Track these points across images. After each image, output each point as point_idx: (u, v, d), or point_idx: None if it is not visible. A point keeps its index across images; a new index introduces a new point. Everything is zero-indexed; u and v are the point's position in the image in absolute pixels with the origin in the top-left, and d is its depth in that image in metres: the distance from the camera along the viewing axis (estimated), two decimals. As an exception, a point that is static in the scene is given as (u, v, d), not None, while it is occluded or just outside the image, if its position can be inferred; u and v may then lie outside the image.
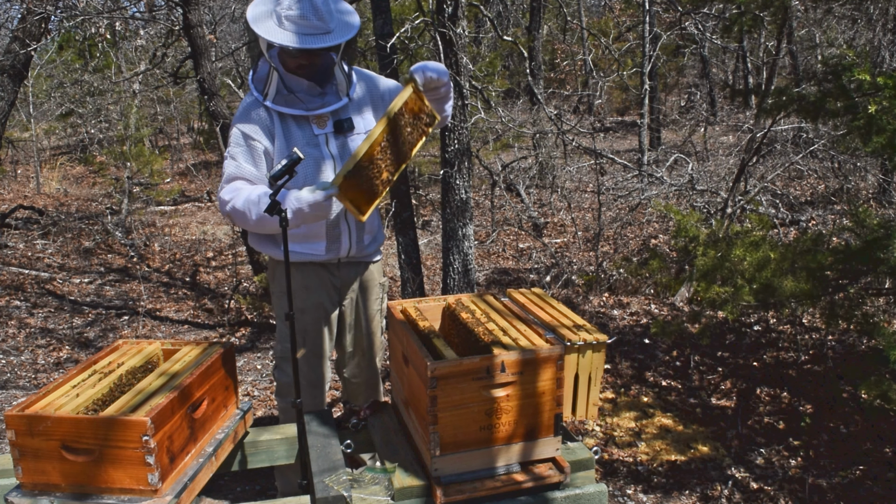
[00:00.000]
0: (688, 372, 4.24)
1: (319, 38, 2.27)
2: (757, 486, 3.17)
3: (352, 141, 2.48)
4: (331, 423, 2.34)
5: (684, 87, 17.40)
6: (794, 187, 8.62)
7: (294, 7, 2.25)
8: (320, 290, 2.58)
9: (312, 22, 2.26)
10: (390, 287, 6.22)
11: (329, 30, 2.29)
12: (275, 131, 2.42)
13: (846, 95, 3.01)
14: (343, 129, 2.46)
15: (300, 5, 2.25)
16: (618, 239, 7.23)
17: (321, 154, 2.44)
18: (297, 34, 2.26)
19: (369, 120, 2.54)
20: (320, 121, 2.45)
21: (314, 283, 2.57)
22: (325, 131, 2.45)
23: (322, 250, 2.52)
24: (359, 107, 2.53)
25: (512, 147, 10.85)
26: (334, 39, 2.29)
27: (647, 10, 8.92)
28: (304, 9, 2.25)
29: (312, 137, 2.44)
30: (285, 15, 2.26)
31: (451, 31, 4.19)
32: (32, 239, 8.18)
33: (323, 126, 2.45)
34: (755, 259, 3.09)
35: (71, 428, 1.77)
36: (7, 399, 4.28)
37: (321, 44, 2.26)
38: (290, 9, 2.26)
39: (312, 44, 2.26)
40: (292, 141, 2.42)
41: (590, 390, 2.17)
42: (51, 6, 6.07)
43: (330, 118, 2.45)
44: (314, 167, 2.43)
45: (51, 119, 14.18)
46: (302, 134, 2.43)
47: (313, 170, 2.43)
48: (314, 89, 2.41)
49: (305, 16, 2.25)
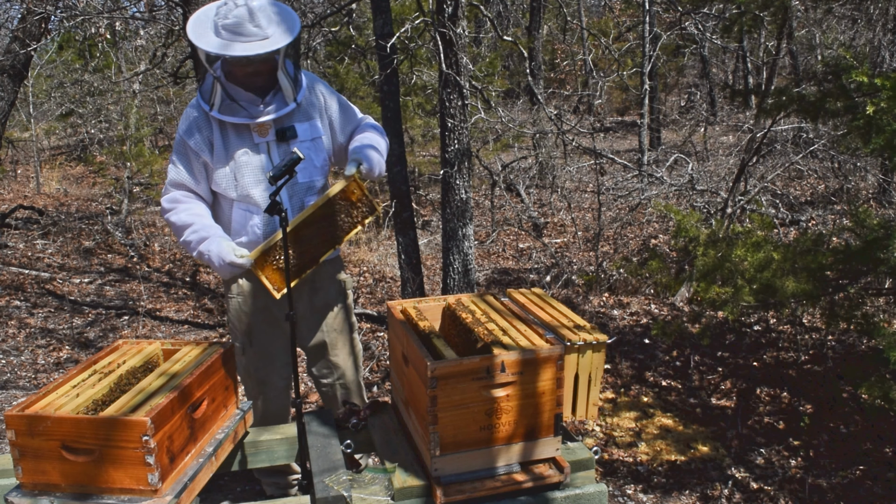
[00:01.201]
0: (688, 372, 4.24)
1: (256, 44, 2.25)
2: (757, 486, 3.17)
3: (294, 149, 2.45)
4: (331, 423, 2.34)
5: (684, 87, 17.40)
6: (794, 187, 8.62)
7: (230, 15, 2.23)
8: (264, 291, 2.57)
9: (248, 29, 2.24)
10: (389, 287, 6.22)
11: (266, 36, 2.27)
12: (214, 141, 2.42)
13: (846, 95, 3.02)
14: (286, 137, 2.44)
15: (236, 13, 2.23)
16: (618, 239, 7.23)
17: (262, 163, 2.43)
18: (232, 42, 2.25)
19: (316, 128, 2.52)
20: (262, 129, 2.42)
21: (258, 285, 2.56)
22: (267, 140, 2.43)
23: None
24: (306, 114, 2.50)
25: (512, 147, 10.85)
26: (271, 45, 2.26)
27: (647, 10, 8.92)
28: (239, 16, 2.23)
29: (253, 146, 2.43)
30: (222, 24, 2.25)
31: (451, 31, 4.19)
32: (32, 239, 8.18)
33: (264, 134, 2.43)
34: (756, 259, 3.09)
35: (71, 428, 1.77)
36: (7, 399, 4.28)
37: (257, 51, 2.24)
38: (226, 17, 2.24)
39: (247, 51, 2.24)
40: (232, 150, 2.42)
41: (590, 390, 2.17)
42: (51, 6, 6.07)
43: (272, 126, 2.43)
44: (252, 177, 2.43)
45: (51, 119, 14.17)
46: (241, 142, 2.43)
47: (251, 179, 2.43)
48: (257, 98, 2.38)
49: (241, 23, 2.23)
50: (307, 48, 13.21)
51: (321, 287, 2.67)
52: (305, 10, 11.20)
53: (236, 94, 2.37)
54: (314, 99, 2.54)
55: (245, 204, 2.49)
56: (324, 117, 2.56)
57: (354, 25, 9.83)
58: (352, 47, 9.73)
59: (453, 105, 4.34)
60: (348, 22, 7.06)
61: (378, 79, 4.64)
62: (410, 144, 10.26)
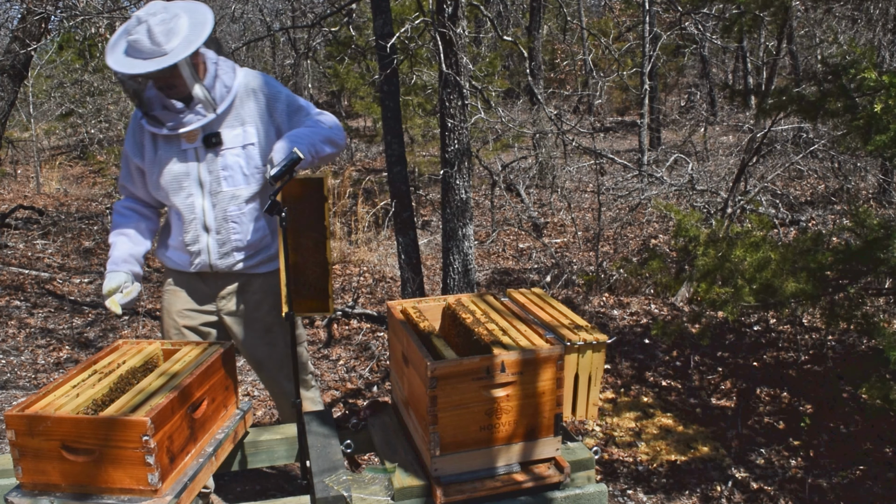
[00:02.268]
0: (688, 372, 4.24)
1: (152, 62, 2.24)
2: (757, 486, 3.17)
3: (221, 156, 2.45)
4: (331, 423, 2.34)
5: (684, 87, 17.40)
6: (794, 187, 8.62)
7: (133, 32, 2.25)
8: (187, 295, 2.62)
9: (147, 46, 2.24)
10: (389, 287, 6.22)
11: (164, 52, 2.25)
12: (145, 148, 2.48)
13: (846, 95, 3.01)
14: (211, 143, 2.43)
15: (137, 29, 2.24)
16: (618, 239, 7.23)
17: (186, 170, 2.45)
18: (130, 59, 2.27)
19: (249, 134, 2.47)
20: (190, 135, 2.43)
21: (181, 289, 2.62)
22: (194, 146, 2.44)
23: (187, 262, 2.56)
24: (239, 118, 2.46)
25: (512, 147, 10.85)
26: (166, 62, 2.23)
27: (647, 10, 8.92)
28: (140, 33, 2.24)
29: (180, 153, 2.44)
30: (128, 41, 2.27)
31: (451, 31, 4.18)
32: (32, 239, 8.18)
33: (193, 140, 2.43)
34: (755, 260, 3.08)
35: (71, 428, 1.77)
36: (7, 399, 4.28)
37: (149, 69, 2.23)
38: (130, 34, 2.26)
39: (141, 69, 2.24)
40: (161, 157, 2.45)
41: (590, 390, 2.17)
42: (51, 6, 6.07)
43: (201, 132, 2.43)
44: (175, 183, 2.46)
45: (51, 119, 14.18)
46: (170, 149, 2.45)
47: (174, 186, 2.46)
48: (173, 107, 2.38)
49: (140, 40, 2.24)
50: (307, 48, 13.21)
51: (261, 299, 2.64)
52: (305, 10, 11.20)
53: (164, 103, 2.39)
54: (251, 103, 2.48)
55: (175, 212, 2.53)
56: (265, 121, 2.50)
57: (354, 25, 9.83)
58: (352, 47, 9.73)
59: (453, 105, 4.34)
60: (348, 22, 7.07)
61: (378, 79, 4.64)
62: (410, 144, 10.27)
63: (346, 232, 7.67)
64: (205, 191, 2.46)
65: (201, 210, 2.46)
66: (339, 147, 2.52)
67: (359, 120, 16.00)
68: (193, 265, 2.54)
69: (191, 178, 2.45)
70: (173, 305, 2.62)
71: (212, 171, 2.45)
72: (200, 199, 2.46)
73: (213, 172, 2.45)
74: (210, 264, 2.53)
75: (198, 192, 2.46)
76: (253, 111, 2.48)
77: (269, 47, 16.72)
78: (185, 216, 2.48)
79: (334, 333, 5.16)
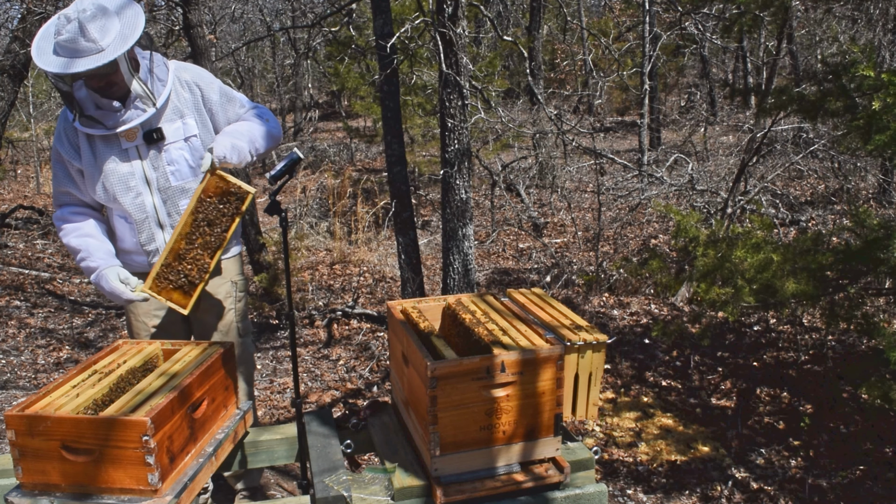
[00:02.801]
0: (688, 372, 4.24)
1: (89, 59, 2.19)
2: (757, 486, 3.17)
3: (165, 152, 2.42)
4: (331, 423, 2.33)
5: (684, 87, 17.40)
6: (794, 187, 8.62)
7: (63, 31, 2.19)
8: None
9: (81, 44, 2.18)
10: (389, 287, 6.22)
11: (101, 48, 2.20)
12: (81, 150, 2.41)
13: (846, 95, 3.01)
14: (153, 139, 2.39)
15: (68, 28, 2.18)
16: (618, 239, 7.23)
17: (130, 169, 2.40)
18: (68, 58, 2.20)
19: (189, 126, 2.45)
20: (130, 133, 2.37)
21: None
22: (135, 143, 2.39)
23: (145, 263, 2.53)
24: (177, 111, 2.44)
25: (512, 147, 10.85)
26: (105, 58, 2.19)
27: (647, 10, 8.92)
28: (72, 31, 2.18)
29: (121, 152, 2.39)
30: (58, 41, 2.21)
31: (451, 31, 4.18)
32: (32, 239, 8.18)
33: (132, 139, 2.38)
34: (756, 260, 3.09)
35: (71, 428, 1.77)
36: (7, 399, 4.27)
37: (89, 66, 2.18)
38: (59, 34, 2.20)
39: (79, 67, 2.19)
40: (101, 158, 2.39)
41: (590, 390, 2.17)
42: (51, 6, 6.06)
43: (140, 130, 2.38)
44: (121, 184, 2.40)
45: (51, 119, 14.18)
46: (109, 150, 2.39)
47: (120, 187, 2.41)
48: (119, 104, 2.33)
49: (74, 38, 2.18)
50: (307, 48, 13.22)
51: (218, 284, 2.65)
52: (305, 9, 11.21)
53: (99, 103, 2.33)
54: (186, 94, 2.47)
55: (120, 211, 2.47)
56: (202, 112, 2.49)
57: (354, 25, 9.83)
58: (352, 47, 9.73)
59: (453, 105, 4.34)
60: (348, 22, 7.06)
61: (378, 79, 4.64)
62: (410, 144, 10.27)
63: (346, 232, 7.67)
64: (153, 188, 2.42)
65: (152, 208, 2.44)
66: (277, 141, 2.54)
67: (359, 120, 16.00)
68: (151, 264, 2.51)
69: (137, 177, 2.41)
70: (139, 307, 2.60)
71: (157, 168, 2.42)
72: (150, 196, 2.43)
73: (159, 168, 2.42)
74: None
75: (146, 191, 2.42)
76: (189, 103, 2.46)
77: (269, 47, 16.72)
78: (135, 216, 2.44)
79: (334, 333, 5.15)
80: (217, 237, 2.35)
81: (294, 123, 16.35)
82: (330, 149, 13.73)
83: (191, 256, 2.33)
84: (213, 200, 2.33)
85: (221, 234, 2.35)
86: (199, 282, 2.34)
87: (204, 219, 2.33)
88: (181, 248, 2.33)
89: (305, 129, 16.04)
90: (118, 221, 2.51)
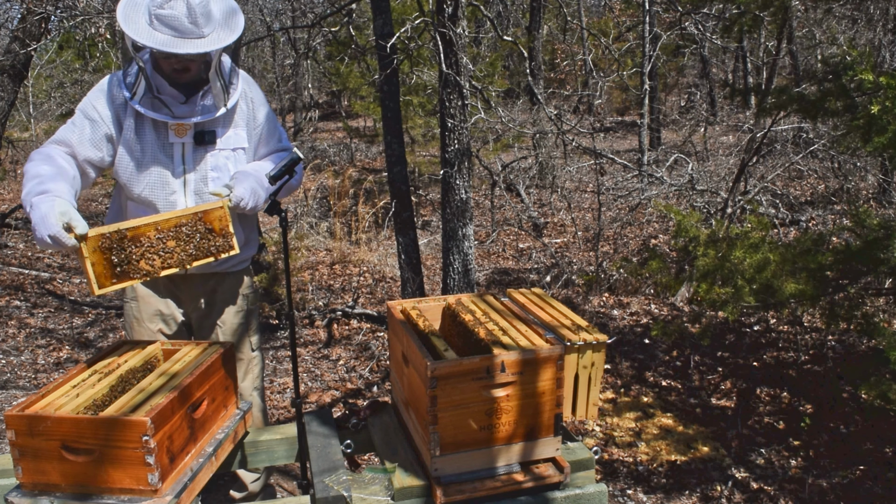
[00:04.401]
0: (688, 372, 4.24)
1: (189, 42, 2.07)
2: (757, 486, 3.17)
3: (211, 155, 2.30)
4: (331, 423, 2.33)
5: (684, 87, 17.40)
6: (794, 187, 8.62)
7: (166, 6, 2.04)
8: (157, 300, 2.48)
9: (184, 24, 2.05)
10: (389, 287, 6.22)
11: (202, 35, 2.09)
12: (125, 125, 2.22)
13: (846, 95, 3.02)
14: (203, 141, 2.26)
15: (173, 5, 2.04)
16: (618, 239, 7.23)
17: (171, 165, 2.26)
18: (165, 36, 2.06)
19: (240, 138, 2.35)
20: (180, 129, 2.23)
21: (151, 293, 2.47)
22: (183, 140, 2.25)
23: None
24: (232, 120, 2.34)
25: (512, 147, 10.85)
26: (206, 46, 2.07)
27: (647, 10, 8.92)
28: (177, 8, 2.03)
29: (167, 145, 2.25)
30: (157, 14, 2.05)
31: (451, 31, 4.18)
32: (32, 239, 8.17)
33: (182, 135, 2.24)
34: (756, 260, 3.09)
35: (71, 428, 1.77)
36: (7, 399, 4.27)
37: (188, 50, 2.06)
38: (161, 7, 2.04)
39: (178, 49, 2.05)
40: (144, 143, 2.23)
41: (590, 390, 2.17)
42: (51, 6, 6.07)
43: (192, 128, 2.25)
44: (159, 177, 2.26)
45: (51, 119, 14.18)
46: (156, 139, 2.23)
47: (155, 179, 2.27)
48: (181, 95, 2.22)
49: (178, 17, 2.04)
50: (307, 48, 13.21)
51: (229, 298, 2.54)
52: (305, 9, 11.20)
53: (161, 88, 2.21)
54: (244, 107, 2.37)
55: (142, 206, 2.31)
56: (250, 128, 2.39)
57: (354, 25, 9.82)
58: (352, 47, 9.73)
59: (453, 105, 4.34)
60: (348, 22, 7.06)
61: (378, 79, 4.64)
62: (410, 144, 10.27)
63: (346, 232, 7.67)
64: (188, 189, 2.30)
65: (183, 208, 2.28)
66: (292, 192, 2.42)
67: (359, 120, 16.00)
68: None
69: (175, 175, 2.27)
70: (143, 312, 2.48)
71: (198, 170, 2.30)
72: (183, 197, 2.30)
73: (200, 171, 2.30)
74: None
75: (181, 190, 2.29)
76: (244, 115, 2.38)
77: (269, 47, 16.72)
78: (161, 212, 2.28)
79: (334, 333, 5.15)
80: (178, 259, 2.14)
81: (294, 123, 16.35)
82: (330, 149, 13.74)
83: (146, 251, 2.08)
84: (201, 228, 2.17)
85: (183, 260, 2.16)
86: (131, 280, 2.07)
87: (184, 234, 2.15)
88: (146, 236, 2.07)
89: (305, 129, 16.03)
90: (134, 207, 2.34)
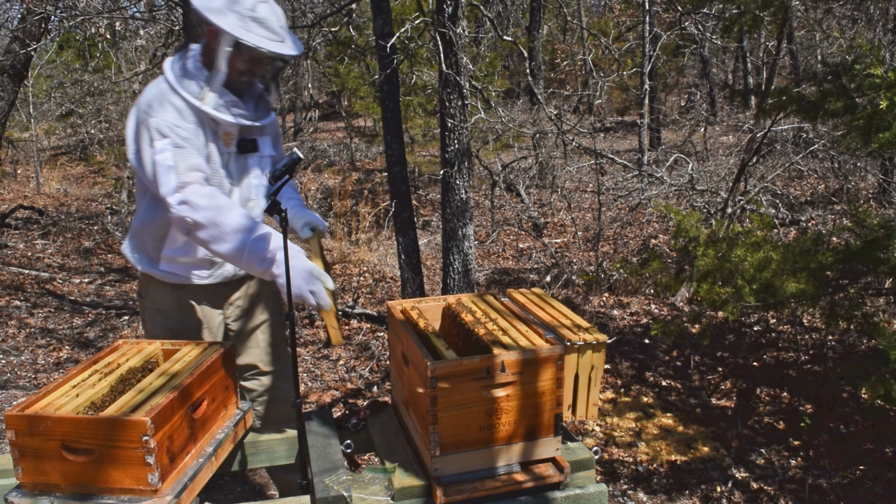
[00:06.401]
0: (688, 372, 4.24)
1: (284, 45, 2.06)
2: (757, 486, 3.17)
3: (257, 165, 2.26)
4: (331, 423, 2.33)
5: (684, 87, 17.41)
6: (794, 187, 8.62)
7: (258, 9, 2.02)
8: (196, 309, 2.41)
9: (275, 28, 2.04)
10: (389, 287, 6.22)
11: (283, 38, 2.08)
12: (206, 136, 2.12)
13: (846, 95, 3.02)
14: (246, 149, 2.22)
15: (265, 7, 2.03)
16: (618, 239, 7.23)
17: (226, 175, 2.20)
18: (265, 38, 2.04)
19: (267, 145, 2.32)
20: (228, 138, 2.17)
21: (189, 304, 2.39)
22: (229, 151, 2.19)
23: (205, 274, 2.33)
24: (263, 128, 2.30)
25: (512, 147, 10.85)
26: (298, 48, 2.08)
27: (647, 10, 8.92)
28: (267, 12, 2.03)
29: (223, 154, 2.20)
30: (249, 15, 2.02)
31: (451, 31, 4.18)
32: (32, 239, 8.18)
33: (229, 144, 2.18)
34: (756, 260, 3.09)
35: (71, 428, 1.77)
36: (7, 399, 4.27)
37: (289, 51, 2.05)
38: (253, 10, 2.02)
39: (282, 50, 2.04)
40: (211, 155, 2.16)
41: (590, 390, 2.17)
42: (51, 6, 6.07)
43: (235, 137, 2.19)
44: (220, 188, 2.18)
45: (51, 119, 14.19)
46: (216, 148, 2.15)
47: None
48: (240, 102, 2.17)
49: (269, 19, 2.02)
50: (307, 48, 13.21)
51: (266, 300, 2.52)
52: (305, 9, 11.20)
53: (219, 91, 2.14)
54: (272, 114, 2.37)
55: None
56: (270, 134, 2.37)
57: (354, 25, 9.83)
58: (352, 47, 9.73)
59: (453, 105, 4.34)
60: (348, 22, 7.07)
61: (378, 79, 4.64)
62: (410, 144, 10.28)
63: (346, 232, 7.67)
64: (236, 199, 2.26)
65: None
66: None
67: (359, 120, 16.01)
68: (213, 276, 2.32)
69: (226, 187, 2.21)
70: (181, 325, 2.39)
71: (241, 180, 2.26)
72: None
73: (243, 182, 2.27)
74: (234, 272, 2.37)
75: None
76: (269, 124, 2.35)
77: (269, 47, 16.68)
78: None
79: (334, 333, 5.15)
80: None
81: (294, 123, 16.36)
82: (330, 149, 13.74)
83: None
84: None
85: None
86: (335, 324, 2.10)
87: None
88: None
89: (305, 129, 16.04)
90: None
